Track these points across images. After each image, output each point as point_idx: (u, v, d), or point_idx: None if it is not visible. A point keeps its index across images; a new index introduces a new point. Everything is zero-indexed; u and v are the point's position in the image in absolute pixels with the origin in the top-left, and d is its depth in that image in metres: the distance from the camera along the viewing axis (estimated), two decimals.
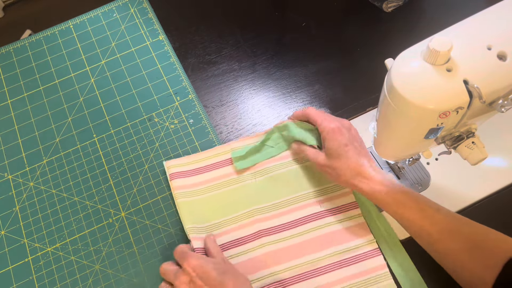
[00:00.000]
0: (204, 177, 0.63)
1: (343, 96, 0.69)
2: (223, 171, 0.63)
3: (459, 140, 0.48)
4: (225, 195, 0.62)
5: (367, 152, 0.56)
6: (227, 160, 0.64)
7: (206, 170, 0.63)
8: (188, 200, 0.61)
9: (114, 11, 0.77)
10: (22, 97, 0.71)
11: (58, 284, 0.59)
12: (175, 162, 0.64)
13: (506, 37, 0.41)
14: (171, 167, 0.63)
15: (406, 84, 0.41)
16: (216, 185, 0.62)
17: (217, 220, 0.60)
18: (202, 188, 0.62)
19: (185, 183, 0.62)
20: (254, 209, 0.61)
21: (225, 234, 0.60)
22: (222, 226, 0.60)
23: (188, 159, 0.64)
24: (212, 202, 0.61)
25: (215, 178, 0.63)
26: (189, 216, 0.60)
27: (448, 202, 0.61)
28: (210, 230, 0.60)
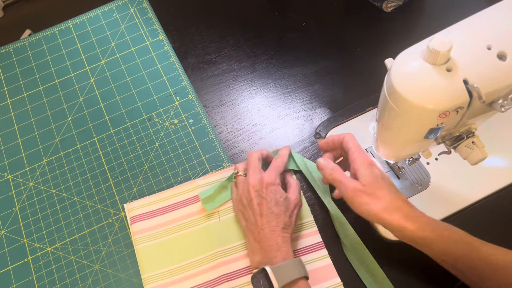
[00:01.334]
0: (167, 218, 0.61)
1: (343, 96, 0.69)
2: (187, 210, 0.61)
3: (459, 140, 0.48)
4: (188, 237, 0.59)
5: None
6: (191, 199, 0.62)
7: (169, 210, 0.61)
8: (148, 244, 0.59)
9: (114, 11, 0.77)
10: (22, 97, 0.71)
11: (58, 284, 0.59)
12: (136, 204, 0.62)
13: (506, 37, 0.40)
14: (132, 210, 0.61)
15: (406, 84, 0.41)
16: (179, 226, 0.60)
17: (178, 264, 0.58)
18: (164, 229, 0.60)
19: (146, 226, 0.60)
20: (218, 251, 0.58)
21: (186, 279, 0.57)
22: (185, 271, 0.57)
23: (151, 199, 0.62)
24: (174, 245, 0.59)
25: (178, 218, 0.61)
26: (148, 263, 0.58)
27: (448, 202, 0.61)
28: (171, 275, 0.57)
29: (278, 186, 0.56)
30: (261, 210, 0.54)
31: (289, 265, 0.50)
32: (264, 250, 0.52)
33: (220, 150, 0.66)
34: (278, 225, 0.53)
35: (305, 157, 0.65)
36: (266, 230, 0.52)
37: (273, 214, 0.53)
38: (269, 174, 0.56)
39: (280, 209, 0.54)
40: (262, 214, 0.53)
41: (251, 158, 0.59)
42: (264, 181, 0.55)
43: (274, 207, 0.53)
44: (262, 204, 0.54)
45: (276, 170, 0.57)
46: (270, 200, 0.54)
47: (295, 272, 0.49)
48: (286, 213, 0.54)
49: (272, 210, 0.53)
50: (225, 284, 0.56)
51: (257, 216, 0.54)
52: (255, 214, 0.54)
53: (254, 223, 0.54)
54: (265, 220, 0.53)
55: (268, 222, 0.53)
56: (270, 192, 0.54)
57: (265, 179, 0.55)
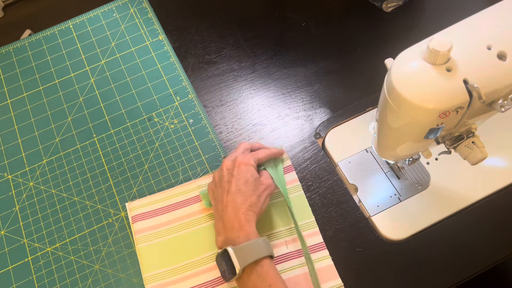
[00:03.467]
0: (168, 217, 0.60)
1: (343, 96, 0.69)
2: (188, 210, 0.61)
3: (459, 140, 0.48)
4: (189, 237, 0.59)
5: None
6: (193, 198, 0.62)
7: (170, 210, 0.61)
8: (149, 243, 0.59)
9: (114, 11, 0.77)
10: (22, 97, 0.71)
11: (58, 284, 0.59)
12: (137, 203, 0.62)
13: (506, 37, 0.41)
14: (133, 209, 0.61)
15: (406, 84, 0.41)
16: (180, 225, 0.60)
17: (179, 264, 0.58)
18: (165, 229, 0.60)
19: (147, 225, 0.60)
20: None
21: (187, 278, 0.57)
22: (185, 270, 0.57)
23: (152, 199, 0.62)
24: (175, 244, 0.59)
25: (179, 218, 0.60)
26: (149, 262, 0.58)
27: (448, 202, 0.61)
28: (172, 275, 0.57)
29: (251, 166, 0.54)
30: (229, 188, 0.53)
31: (253, 245, 0.49)
32: (226, 229, 0.51)
33: (220, 150, 0.66)
34: (243, 203, 0.51)
35: (305, 157, 0.65)
36: (230, 208, 0.51)
37: (240, 192, 0.52)
38: (244, 155, 0.55)
39: (248, 188, 0.52)
40: (229, 191, 0.52)
41: (239, 146, 0.58)
42: (237, 160, 0.54)
43: (242, 185, 0.52)
44: (231, 182, 0.53)
45: (254, 154, 0.57)
46: (239, 178, 0.53)
47: (259, 252, 0.49)
48: (255, 192, 0.53)
49: (239, 188, 0.52)
50: (225, 284, 0.56)
51: (224, 193, 0.53)
52: (223, 191, 0.53)
53: (220, 201, 0.53)
54: (230, 198, 0.52)
55: (233, 200, 0.52)
56: (241, 171, 0.53)
57: (238, 158, 0.55)
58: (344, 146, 0.66)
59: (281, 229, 0.59)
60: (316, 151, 0.66)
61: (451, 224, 0.60)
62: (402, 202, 0.61)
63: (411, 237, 0.59)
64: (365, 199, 0.62)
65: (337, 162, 0.65)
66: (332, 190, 0.62)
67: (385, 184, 0.63)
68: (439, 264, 0.58)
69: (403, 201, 0.61)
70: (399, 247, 0.58)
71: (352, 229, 0.60)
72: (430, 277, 0.57)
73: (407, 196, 0.62)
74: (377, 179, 0.63)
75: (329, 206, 0.61)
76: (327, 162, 0.65)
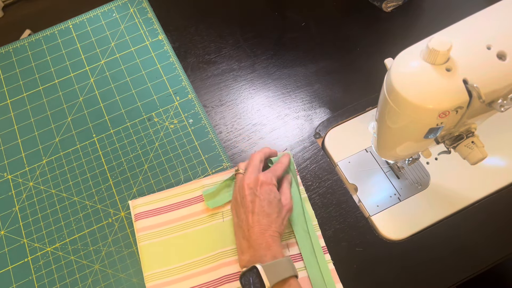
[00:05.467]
0: (171, 216, 0.60)
1: (343, 95, 0.69)
2: (191, 209, 0.61)
3: (459, 140, 0.48)
4: (191, 236, 0.59)
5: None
6: (196, 198, 0.61)
7: (173, 209, 0.61)
8: (152, 242, 0.59)
9: (114, 11, 0.77)
10: (22, 97, 0.71)
11: (58, 284, 0.59)
12: (141, 201, 0.61)
13: (505, 37, 0.40)
14: (137, 207, 0.61)
15: (405, 84, 0.41)
16: (182, 225, 0.60)
17: (181, 263, 0.58)
18: (168, 228, 0.60)
19: (150, 224, 0.60)
20: (220, 252, 0.58)
21: (188, 278, 0.57)
22: (186, 270, 0.57)
23: (155, 197, 0.62)
24: (178, 244, 0.59)
25: (182, 217, 0.60)
26: (151, 260, 0.58)
27: (448, 202, 0.61)
28: (173, 274, 0.57)
29: (273, 186, 0.55)
30: (253, 208, 0.53)
31: (281, 264, 0.49)
32: (253, 248, 0.51)
33: (219, 150, 0.66)
34: (269, 225, 0.52)
35: (305, 156, 0.65)
36: (256, 228, 0.52)
37: (265, 213, 0.53)
38: (265, 174, 0.56)
39: (272, 209, 0.53)
40: (254, 212, 0.53)
41: (253, 158, 0.58)
42: (260, 180, 0.55)
43: (266, 206, 0.53)
44: (255, 202, 0.53)
45: (274, 172, 0.57)
46: (263, 199, 0.53)
47: (287, 270, 0.49)
48: (279, 214, 0.54)
49: (264, 209, 0.53)
50: (226, 285, 0.56)
51: (249, 213, 0.53)
52: (247, 211, 0.53)
53: (245, 221, 0.53)
54: (256, 219, 0.52)
55: (259, 221, 0.52)
56: (264, 191, 0.54)
57: (260, 178, 0.55)
58: (343, 146, 0.66)
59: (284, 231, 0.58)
60: (315, 151, 0.66)
61: (451, 224, 0.60)
62: (402, 202, 0.61)
63: (410, 237, 0.59)
64: (364, 199, 0.62)
65: (337, 162, 0.65)
66: (331, 190, 0.62)
67: (385, 184, 0.63)
68: (438, 264, 0.58)
69: (403, 201, 0.61)
70: (399, 247, 0.59)
71: (352, 229, 0.60)
72: (429, 277, 0.57)
73: (407, 196, 0.62)
74: (376, 179, 0.63)
75: (328, 206, 0.61)
76: (327, 162, 0.65)
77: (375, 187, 0.63)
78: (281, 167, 0.59)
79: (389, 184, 0.63)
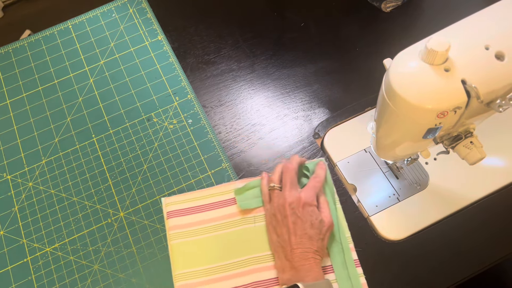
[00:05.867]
0: (203, 217, 0.60)
1: (342, 96, 0.69)
2: (224, 211, 0.60)
3: (457, 140, 0.48)
4: (222, 238, 0.59)
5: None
6: (228, 200, 0.61)
7: (205, 209, 0.61)
8: (183, 241, 0.59)
9: (113, 11, 0.77)
10: (21, 97, 0.71)
11: (57, 284, 0.59)
12: (173, 199, 0.61)
13: (504, 37, 0.41)
14: (169, 205, 0.61)
15: (404, 84, 0.41)
16: (214, 226, 0.59)
17: (211, 265, 0.57)
18: (199, 228, 0.59)
19: (182, 222, 0.60)
20: (251, 257, 0.57)
21: (217, 281, 0.56)
22: (216, 272, 0.57)
23: (188, 196, 0.61)
24: (209, 245, 0.58)
25: (214, 218, 0.60)
26: (181, 259, 0.58)
27: (447, 202, 0.61)
28: (202, 275, 0.56)
29: (314, 207, 0.54)
30: (295, 230, 0.52)
31: (321, 285, 0.49)
32: (295, 269, 0.51)
33: (219, 150, 0.66)
34: (311, 247, 0.52)
35: (304, 157, 0.65)
36: (299, 250, 0.51)
37: (307, 235, 0.52)
38: (307, 193, 0.55)
39: (314, 231, 0.53)
40: (296, 234, 0.52)
41: (288, 171, 0.57)
42: (302, 200, 0.54)
43: (309, 228, 0.52)
44: (297, 223, 0.53)
45: (314, 190, 0.56)
46: (305, 220, 0.53)
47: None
48: (320, 236, 0.53)
49: (306, 232, 0.52)
50: None
51: (291, 235, 0.52)
52: (289, 232, 0.53)
53: (287, 241, 0.53)
54: (299, 241, 0.52)
55: (302, 243, 0.52)
56: (306, 212, 0.53)
57: (303, 198, 0.54)
58: (343, 146, 0.66)
59: None
60: (315, 151, 0.66)
61: (450, 224, 0.60)
62: (400, 202, 0.61)
63: (409, 237, 0.59)
64: (364, 199, 0.62)
65: (336, 162, 0.65)
66: None
67: (384, 184, 0.63)
68: (437, 264, 0.58)
69: (402, 201, 0.61)
70: (398, 247, 0.59)
71: (351, 229, 0.59)
72: (428, 277, 0.57)
73: (405, 196, 0.62)
74: (376, 179, 0.64)
75: None
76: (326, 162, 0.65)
77: (374, 187, 0.63)
78: (320, 182, 0.58)
79: (388, 184, 0.63)
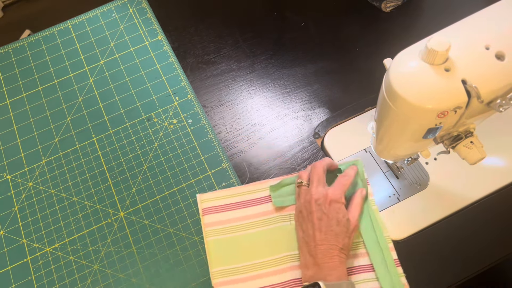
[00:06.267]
0: (238, 214, 0.60)
1: (342, 95, 0.69)
2: (259, 209, 0.60)
3: (458, 140, 0.48)
4: (258, 236, 0.58)
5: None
6: (264, 198, 0.61)
7: (241, 206, 0.61)
8: (219, 238, 0.59)
9: (113, 11, 0.77)
10: (21, 97, 0.71)
11: (57, 284, 0.59)
12: (209, 196, 0.61)
13: (504, 37, 0.41)
14: (205, 201, 0.61)
15: (404, 84, 0.41)
16: (249, 223, 0.59)
17: (247, 263, 0.57)
18: (235, 225, 0.59)
19: (218, 219, 0.60)
20: (287, 255, 0.57)
21: (254, 278, 0.56)
22: (252, 270, 0.57)
23: (223, 193, 0.61)
24: (244, 242, 0.58)
25: (250, 216, 0.60)
26: (217, 256, 0.57)
27: (447, 202, 0.61)
28: (239, 272, 0.56)
29: (341, 205, 0.54)
30: (320, 226, 0.52)
31: (344, 285, 0.48)
32: (318, 266, 0.51)
33: (219, 150, 0.66)
34: (336, 244, 0.51)
35: (304, 157, 0.65)
36: (324, 247, 0.51)
37: (333, 232, 0.52)
38: (334, 191, 0.54)
39: (340, 228, 0.52)
40: (321, 230, 0.52)
41: (316, 169, 0.56)
42: (329, 197, 0.53)
43: (335, 225, 0.52)
44: (323, 219, 0.52)
45: (342, 188, 0.55)
46: (331, 217, 0.52)
47: None
48: (346, 234, 0.52)
49: (332, 228, 0.52)
50: None
51: (316, 231, 0.52)
52: (314, 228, 0.52)
53: (311, 237, 0.52)
54: (324, 237, 0.51)
55: (327, 240, 0.51)
56: (333, 209, 0.53)
57: (329, 195, 0.53)
58: (343, 146, 0.66)
59: (358, 239, 0.57)
60: (315, 151, 0.66)
61: (450, 224, 0.60)
62: (401, 202, 0.61)
63: (410, 237, 0.59)
64: None
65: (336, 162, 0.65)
66: None
67: (384, 184, 0.63)
68: (438, 264, 0.58)
69: (402, 201, 0.61)
70: (398, 246, 0.58)
71: None
72: (429, 277, 0.57)
73: (406, 196, 0.62)
74: (376, 179, 0.64)
75: None
76: None
77: (374, 187, 0.63)
78: (349, 181, 0.57)
79: (388, 184, 0.63)
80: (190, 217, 0.62)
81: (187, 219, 0.62)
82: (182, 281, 0.58)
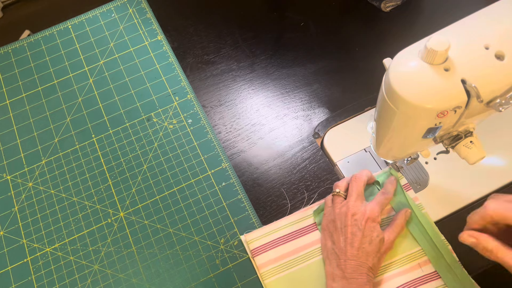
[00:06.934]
0: (291, 247, 0.58)
1: (342, 95, 0.69)
2: (310, 237, 0.58)
3: (457, 140, 0.48)
4: (316, 266, 0.56)
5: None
6: (310, 226, 0.59)
7: (290, 239, 0.58)
8: (277, 277, 0.56)
9: (113, 11, 0.77)
10: (21, 98, 0.71)
11: (57, 284, 0.59)
12: (255, 235, 0.59)
13: (503, 37, 0.41)
14: (252, 241, 0.59)
15: (404, 84, 0.41)
16: (306, 254, 0.57)
17: None
18: (292, 259, 0.57)
19: (271, 257, 0.57)
20: None
21: None
22: None
23: (268, 228, 0.59)
24: (304, 275, 0.56)
25: (303, 246, 0.58)
26: None
27: (447, 202, 0.61)
28: None
29: (377, 224, 0.53)
30: (353, 241, 0.52)
31: None
32: (346, 280, 0.50)
33: (219, 150, 0.66)
34: (366, 263, 0.51)
35: (304, 157, 0.65)
36: (354, 262, 0.51)
37: (364, 250, 0.51)
38: (373, 209, 0.54)
39: (372, 248, 0.52)
40: (353, 245, 0.52)
41: (357, 182, 0.56)
42: (366, 215, 0.53)
43: (367, 243, 0.52)
44: (357, 235, 0.52)
45: (381, 206, 0.55)
46: (366, 235, 0.52)
47: None
48: (377, 254, 0.52)
49: (364, 246, 0.52)
50: None
51: (348, 245, 0.52)
52: (346, 241, 0.52)
53: (343, 250, 0.52)
54: (355, 253, 0.51)
55: (358, 256, 0.51)
56: (368, 227, 0.52)
57: (368, 212, 0.53)
58: (343, 146, 0.66)
59: (413, 250, 0.56)
60: (315, 151, 0.66)
61: (450, 224, 0.59)
62: None
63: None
64: None
65: (336, 162, 0.65)
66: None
67: None
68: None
69: None
70: None
71: None
72: None
73: None
74: None
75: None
76: (326, 162, 0.65)
77: None
78: (388, 200, 0.57)
79: None
80: (190, 217, 0.62)
81: (187, 219, 0.62)
82: (182, 281, 0.58)
